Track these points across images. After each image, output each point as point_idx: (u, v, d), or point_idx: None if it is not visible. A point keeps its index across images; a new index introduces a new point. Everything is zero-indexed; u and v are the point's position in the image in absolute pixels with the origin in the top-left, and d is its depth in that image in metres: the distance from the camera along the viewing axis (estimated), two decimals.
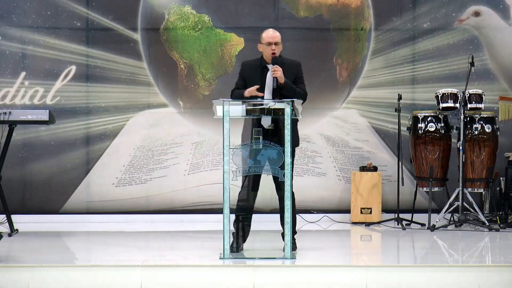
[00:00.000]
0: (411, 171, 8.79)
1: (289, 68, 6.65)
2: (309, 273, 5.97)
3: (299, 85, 6.67)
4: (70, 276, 5.95)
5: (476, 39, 9.08)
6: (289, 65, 6.67)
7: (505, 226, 8.09)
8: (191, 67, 9.03)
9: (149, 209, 8.90)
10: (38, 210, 8.83)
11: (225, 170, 6.28)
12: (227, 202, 6.29)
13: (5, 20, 8.90)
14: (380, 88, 9.09)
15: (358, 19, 9.08)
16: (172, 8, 9.00)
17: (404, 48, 9.08)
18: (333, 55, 9.05)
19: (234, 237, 6.55)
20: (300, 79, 6.72)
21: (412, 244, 7.54)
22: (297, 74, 6.70)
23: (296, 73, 6.69)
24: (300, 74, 6.73)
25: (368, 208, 8.65)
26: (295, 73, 6.69)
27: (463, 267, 6.18)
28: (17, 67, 8.91)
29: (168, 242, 7.56)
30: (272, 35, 6.70)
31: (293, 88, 6.59)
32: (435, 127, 8.42)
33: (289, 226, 6.29)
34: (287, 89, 6.57)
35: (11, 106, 8.75)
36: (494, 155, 8.37)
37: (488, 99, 8.56)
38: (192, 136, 9.04)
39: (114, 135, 8.96)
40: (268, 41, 6.66)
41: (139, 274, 5.94)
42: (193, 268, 6.10)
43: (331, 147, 9.09)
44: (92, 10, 8.94)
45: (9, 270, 5.99)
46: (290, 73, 6.64)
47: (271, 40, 6.66)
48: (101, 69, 8.98)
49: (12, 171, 8.68)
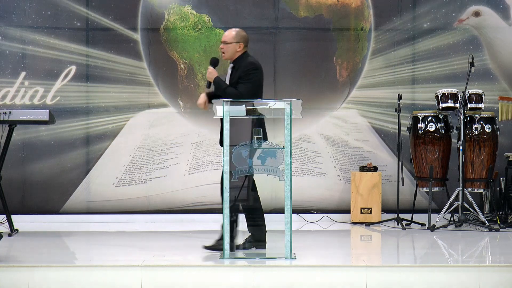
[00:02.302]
0: (411, 171, 8.79)
1: (242, 67, 6.55)
2: (309, 273, 5.97)
3: (238, 85, 6.50)
4: (70, 276, 5.95)
5: (476, 39, 9.08)
6: (243, 65, 6.56)
7: (505, 226, 8.09)
8: (191, 67, 9.03)
9: (149, 209, 8.90)
10: (38, 210, 8.83)
11: (225, 170, 6.28)
12: (227, 202, 6.29)
13: (5, 20, 8.90)
14: (380, 88, 9.09)
15: (358, 19, 9.08)
16: (172, 8, 9.00)
17: (404, 48, 9.08)
18: (333, 55, 9.05)
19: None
20: (242, 79, 6.52)
21: (412, 244, 7.54)
22: (241, 74, 6.53)
23: (241, 72, 6.54)
24: (243, 74, 6.53)
25: (368, 208, 8.65)
26: (241, 72, 6.53)
27: (463, 267, 6.18)
28: (17, 67, 8.91)
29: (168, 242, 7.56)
30: (224, 34, 6.68)
31: (221, 88, 6.53)
32: (435, 127, 8.42)
33: (289, 226, 6.28)
34: (216, 89, 6.56)
35: (11, 106, 8.75)
36: (494, 155, 8.37)
37: (488, 99, 8.56)
38: (192, 136, 9.05)
39: (114, 135, 8.96)
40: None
41: (139, 274, 5.94)
42: (193, 268, 6.10)
43: (331, 147, 9.09)
44: (92, 10, 8.94)
45: (9, 270, 5.99)
46: (240, 72, 6.55)
47: (222, 39, 6.65)
48: (101, 69, 8.98)
49: (12, 171, 8.68)
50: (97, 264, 6.27)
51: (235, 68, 6.59)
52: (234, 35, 6.60)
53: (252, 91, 6.51)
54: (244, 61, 6.59)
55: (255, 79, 6.56)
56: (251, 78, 6.53)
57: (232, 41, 6.59)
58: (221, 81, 6.59)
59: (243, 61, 6.59)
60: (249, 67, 6.55)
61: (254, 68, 6.57)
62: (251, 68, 6.55)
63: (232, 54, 6.61)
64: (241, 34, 6.64)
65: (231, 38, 6.59)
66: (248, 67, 6.54)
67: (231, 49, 6.60)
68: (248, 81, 6.52)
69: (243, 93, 6.46)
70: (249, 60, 6.61)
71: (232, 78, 6.59)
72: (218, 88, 6.57)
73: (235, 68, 6.60)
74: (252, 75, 6.54)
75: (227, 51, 6.61)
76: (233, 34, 6.61)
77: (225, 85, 6.56)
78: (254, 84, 6.55)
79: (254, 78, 6.55)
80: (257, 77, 6.58)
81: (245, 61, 6.59)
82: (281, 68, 8.98)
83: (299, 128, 8.89)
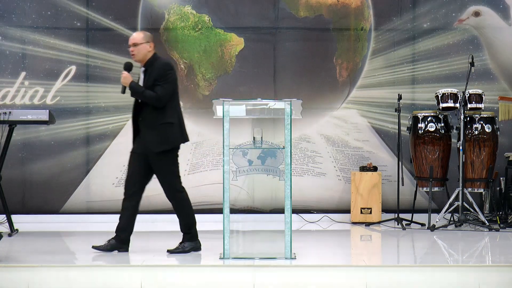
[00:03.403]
0: (411, 171, 8.79)
1: (156, 69, 6.48)
2: (309, 273, 5.97)
3: (156, 87, 6.41)
4: (70, 276, 5.95)
5: (476, 39, 9.08)
6: (157, 67, 6.49)
7: (505, 226, 8.09)
8: (191, 67, 9.03)
9: (149, 209, 8.90)
10: (38, 210, 8.83)
11: (225, 170, 6.28)
12: (227, 202, 6.29)
13: (5, 20, 8.90)
14: (380, 88, 9.09)
15: (358, 19, 9.08)
16: (172, 8, 9.00)
17: (404, 48, 9.08)
18: (333, 55, 9.05)
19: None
20: (159, 81, 6.43)
21: (412, 244, 7.54)
22: (156, 76, 6.45)
23: (156, 74, 6.45)
24: (159, 77, 6.44)
25: (368, 208, 8.65)
26: (157, 74, 6.45)
27: (463, 267, 6.18)
28: (17, 67, 8.91)
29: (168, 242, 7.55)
30: (130, 38, 6.58)
31: (138, 92, 6.44)
32: (435, 127, 8.42)
33: (289, 226, 6.28)
34: (133, 93, 6.48)
35: (11, 106, 8.75)
36: (494, 155, 8.37)
37: (488, 99, 8.56)
38: (192, 136, 8.99)
39: (114, 135, 8.96)
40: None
41: (139, 274, 5.94)
42: (193, 268, 6.10)
43: (331, 147, 9.09)
44: (92, 10, 8.94)
45: (9, 270, 5.99)
46: (155, 74, 6.47)
47: (129, 42, 6.55)
48: (101, 69, 8.98)
49: (12, 171, 8.68)
50: (97, 264, 6.27)
51: (148, 70, 6.50)
52: (143, 36, 6.51)
53: (170, 92, 6.47)
54: (157, 63, 6.51)
55: (173, 79, 6.51)
56: (169, 79, 6.46)
57: (142, 42, 6.49)
58: (137, 85, 6.48)
59: (156, 63, 6.51)
60: (165, 68, 6.49)
61: (170, 69, 6.52)
62: (167, 69, 6.49)
63: (144, 55, 6.51)
64: (148, 34, 6.57)
65: (141, 39, 6.49)
66: (164, 68, 6.48)
67: (143, 50, 6.49)
68: (166, 82, 6.45)
69: (163, 96, 6.41)
70: (163, 61, 6.57)
71: (147, 81, 6.48)
72: (136, 93, 6.46)
73: (147, 71, 6.50)
74: (169, 76, 6.48)
75: (138, 53, 6.50)
76: (141, 35, 6.52)
77: (142, 89, 6.45)
78: (172, 84, 6.49)
79: (171, 78, 6.49)
80: (174, 77, 6.53)
81: (158, 62, 6.52)
82: (281, 68, 8.98)
83: (299, 128, 8.89)
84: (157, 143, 6.45)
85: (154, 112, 6.46)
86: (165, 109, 6.46)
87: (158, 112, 6.45)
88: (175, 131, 6.52)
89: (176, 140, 6.55)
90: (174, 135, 6.51)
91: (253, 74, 9.00)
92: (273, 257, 6.33)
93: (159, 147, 6.46)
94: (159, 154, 6.47)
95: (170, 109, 6.49)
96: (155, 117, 6.45)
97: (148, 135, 6.48)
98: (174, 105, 6.54)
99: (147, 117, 6.49)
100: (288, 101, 6.31)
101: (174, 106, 6.53)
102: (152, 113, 6.46)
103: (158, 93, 6.40)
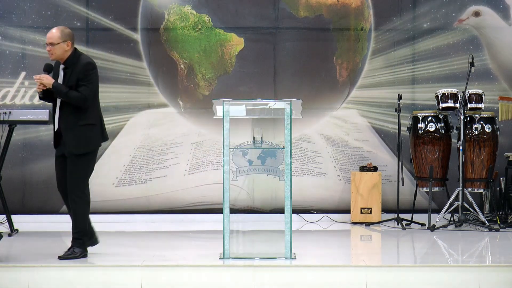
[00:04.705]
0: (411, 171, 8.79)
1: (79, 69, 6.36)
2: (309, 273, 5.97)
3: (80, 87, 6.30)
4: (70, 276, 5.96)
5: (476, 39, 9.08)
6: (79, 66, 6.37)
7: (505, 226, 8.09)
8: (191, 67, 9.03)
9: (149, 209, 8.90)
10: (38, 210, 8.83)
11: (225, 170, 6.28)
12: (227, 202, 6.29)
13: (5, 20, 8.89)
14: (380, 88, 9.08)
15: (358, 19, 9.08)
16: (172, 8, 9.00)
17: (404, 48, 9.08)
18: (333, 55, 9.05)
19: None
20: (83, 81, 6.30)
21: (412, 244, 7.54)
22: (79, 76, 6.34)
23: (79, 74, 6.34)
24: (82, 76, 6.30)
25: (368, 208, 8.65)
26: (79, 74, 6.33)
27: (463, 267, 6.18)
28: (17, 67, 8.91)
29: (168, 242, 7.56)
30: (47, 36, 6.43)
31: (62, 93, 6.31)
32: (435, 127, 8.42)
33: (289, 226, 6.28)
34: (57, 95, 6.36)
35: (11, 106, 8.74)
36: (494, 155, 8.37)
37: (488, 99, 8.56)
38: (192, 136, 9.04)
39: (114, 135, 8.95)
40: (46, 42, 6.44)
41: (139, 274, 5.94)
42: (193, 268, 6.10)
43: (331, 147, 9.09)
44: (92, 10, 8.94)
45: (9, 270, 5.99)
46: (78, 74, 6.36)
47: (46, 41, 6.42)
48: (101, 69, 8.88)
49: (12, 171, 8.68)
50: (97, 264, 6.27)
51: (69, 69, 6.39)
52: (60, 35, 6.36)
53: (94, 91, 6.40)
54: (79, 62, 6.39)
55: (95, 79, 6.42)
56: (92, 79, 6.37)
57: (59, 41, 6.36)
58: (60, 85, 6.34)
59: (77, 61, 6.39)
60: (88, 67, 6.38)
61: (92, 68, 6.41)
62: (89, 68, 6.38)
63: (61, 54, 6.38)
64: (66, 32, 6.41)
65: (58, 38, 6.35)
66: (86, 68, 6.37)
67: (60, 50, 6.36)
68: (90, 82, 6.35)
69: (88, 96, 6.31)
70: (85, 60, 6.43)
71: (69, 80, 6.37)
72: (59, 93, 6.33)
73: (68, 69, 6.40)
74: (92, 75, 6.38)
75: (55, 52, 6.37)
76: (58, 34, 6.36)
77: (66, 89, 6.32)
78: (95, 84, 6.41)
79: (94, 77, 6.41)
80: (96, 76, 6.44)
81: (80, 61, 6.39)
82: (281, 68, 8.98)
83: (299, 128, 8.89)
84: (78, 145, 6.35)
85: (75, 112, 6.34)
86: (87, 110, 6.35)
87: (79, 113, 6.34)
88: (96, 133, 6.43)
89: (97, 143, 6.48)
90: (95, 138, 6.44)
91: (253, 74, 9.00)
92: (273, 257, 6.33)
93: (79, 149, 6.37)
94: (78, 156, 6.38)
95: (91, 110, 6.38)
96: (76, 118, 6.34)
97: (68, 136, 6.35)
98: (96, 105, 6.45)
99: (68, 118, 6.36)
100: (288, 101, 6.31)
101: (95, 106, 6.44)
102: (73, 113, 6.34)
103: (84, 93, 6.29)
